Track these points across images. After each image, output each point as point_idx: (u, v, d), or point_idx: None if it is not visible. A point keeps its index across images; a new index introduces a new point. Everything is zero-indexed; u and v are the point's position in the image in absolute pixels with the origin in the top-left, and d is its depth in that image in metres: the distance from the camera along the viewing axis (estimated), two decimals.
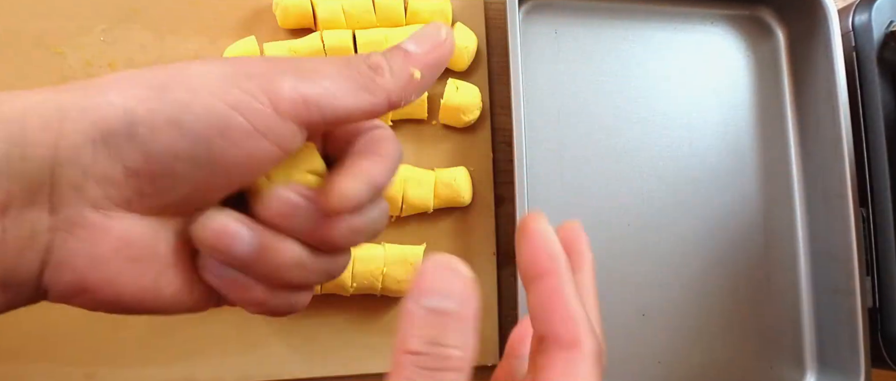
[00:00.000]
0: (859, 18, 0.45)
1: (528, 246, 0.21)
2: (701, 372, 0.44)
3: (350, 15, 0.41)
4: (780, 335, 0.46)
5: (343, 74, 0.21)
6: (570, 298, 0.20)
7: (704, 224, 0.46)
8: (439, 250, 0.42)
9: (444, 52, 0.24)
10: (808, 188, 0.47)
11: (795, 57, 0.49)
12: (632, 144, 0.46)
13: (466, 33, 0.43)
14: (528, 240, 0.21)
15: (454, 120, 0.42)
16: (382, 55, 0.23)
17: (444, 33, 0.24)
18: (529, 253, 0.21)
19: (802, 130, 0.48)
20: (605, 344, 0.21)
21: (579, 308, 0.20)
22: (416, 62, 0.23)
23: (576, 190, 0.44)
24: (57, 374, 0.38)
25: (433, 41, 0.24)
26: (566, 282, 0.21)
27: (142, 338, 0.39)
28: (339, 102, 0.21)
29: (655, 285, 0.44)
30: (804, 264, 0.47)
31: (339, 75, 0.21)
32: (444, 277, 0.19)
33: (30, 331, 0.38)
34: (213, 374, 0.39)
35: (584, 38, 0.47)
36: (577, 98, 0.46)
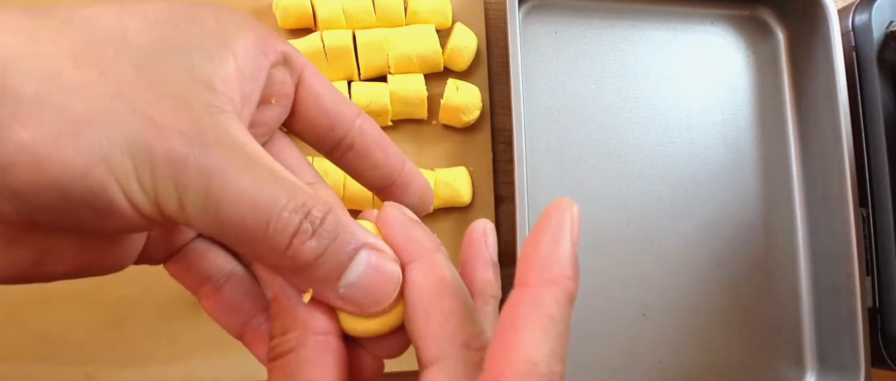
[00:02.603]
0: (859, 18, 0.45)
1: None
2: (701, 372, 0.44)
3: (350, 15, 0.41)
4: (780, 335, 0.46)
5: (247, 224, 0.17)
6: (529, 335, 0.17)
7: (704, 224, 0.46)
8: None
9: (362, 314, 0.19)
10: (808, 188, 0.47)
11: (795, 57, 0.49)
12: (632, 144, 0.46)
13: (466, 33, 0.43)
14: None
15: (454, 120, 0.42)
16: (322, 251, 0.18)
17: (385, 302, 0.19)
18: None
19: (802, 130, 0.48)
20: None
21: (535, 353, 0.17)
22: (324, 294, 0.19)
23: (576, 190, 0.44)
24: (57, 374, 0.38)
25: (363, 303, 0.19)
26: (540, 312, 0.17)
27: (142, 338, 0.39)
28: (223, 239, 0.18)
29: (655, 285, 0.44)
30: (804, 264, 0.47)
31: (241, 223, 0.17)
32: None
33: (30, 331, 0.38)
34: (213, 374, 0.39)
35: (583, 38, 0.47)
36: (577, 98, 0.46)
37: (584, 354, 0.43)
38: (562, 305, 0.17)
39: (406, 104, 0.41)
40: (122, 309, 0.39)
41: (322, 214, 0.18)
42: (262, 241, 0.17)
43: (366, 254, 0.18)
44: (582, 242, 0.47)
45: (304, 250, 0.17)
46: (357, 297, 0.19)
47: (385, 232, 0.21)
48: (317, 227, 0.17)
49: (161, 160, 0.16)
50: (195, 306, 0.40)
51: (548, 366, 0.16)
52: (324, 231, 0.18)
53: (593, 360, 0.43)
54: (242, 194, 0.17)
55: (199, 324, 0.39)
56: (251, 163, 0.17)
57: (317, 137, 0.23)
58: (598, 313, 0.43)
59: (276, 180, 0.17)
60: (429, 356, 0.19)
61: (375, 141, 0.24)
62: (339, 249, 0.18)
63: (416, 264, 0.20)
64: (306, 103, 0.22)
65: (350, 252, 0.18)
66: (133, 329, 0.39)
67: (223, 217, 0.17)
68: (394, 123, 0.43)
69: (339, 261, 0.18)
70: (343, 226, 0.18)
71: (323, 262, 0.18)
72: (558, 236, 0.18)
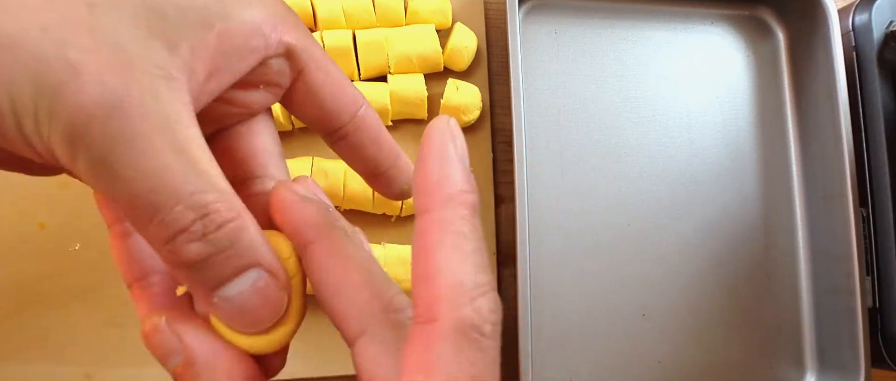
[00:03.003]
0: (859, 18, 0.45)
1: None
2: (701, 372, 0.44)
3: (350, 15, 0.41)
4: (780, 335, 0.46)
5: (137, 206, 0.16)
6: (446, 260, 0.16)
7: (704, 224, 0.46)
8: None
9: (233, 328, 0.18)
10: (808, 188, 0.47)
11: (795, 57, 0.49)
12: (632, 144, 0.46)
13: (466, 33, 0.43)
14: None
15: None
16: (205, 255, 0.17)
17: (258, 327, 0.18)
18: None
19: (802, 130, 0.48)
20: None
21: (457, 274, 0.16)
22: (199, 300, 0.18)
23: (576, 190, 0.44)
24: (57, 374, 0.38)
25: (237, 321, 0.18)
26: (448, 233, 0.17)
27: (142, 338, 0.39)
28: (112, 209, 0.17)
29: (655, 285, 0.44)
30: (804, 264, 0.47)
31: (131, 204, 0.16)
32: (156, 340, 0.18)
33: (30, 331, 0.38)
34: None
35: (583, 38, 0.47)
36: (577, 98, 0.46)
37: (584, 354, 0.43)
38: (468, 219, 0.17)
39: (406, 104, 0.41)
40: (122, 309, 0.39)
41: (223, 220, 0.16)
42: (146, 226, 0.16)
43: (255, 274, 0.17)
44: (582, 242, 0.47)
45: (185, 250, 0.16)
46: (230, 313, 0.18)
47: (277, 217, 0.19)
48: (210, 231, 0.16)
49: (65, 107, 0.15)
50: None
51: (473, 281, 0.16)
52: (216, 238, 0.16)
53: (593, 360, 0.43)
54: (141, 172, 0.15)
55: None
56: (167, 143, 0.16)
57: (309, 123, 0.23)
58: (598, 313, 0.43)
59: (189, 170, 0.16)
60: (351, 332, 0.18)
61: (372, 136, 0.23)
62: (225, 260, 0.17)
63: (314, 246, 0.19)
64: (301, 95, 0.21)
65: (237, 267, 0.17)
66: (133, 329, 0.39)
67: (114, 188, 0.16)
68: (394, 123, 0.43)
69: (221, 272, 0.17)
70: (244, 239, 0.17)
71: (203, 267, 0.17)
72: (442, 156, 0.17)
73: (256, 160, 0.21)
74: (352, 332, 0.18)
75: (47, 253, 0.39)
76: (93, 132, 0.15)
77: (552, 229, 0.44)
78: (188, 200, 0.16)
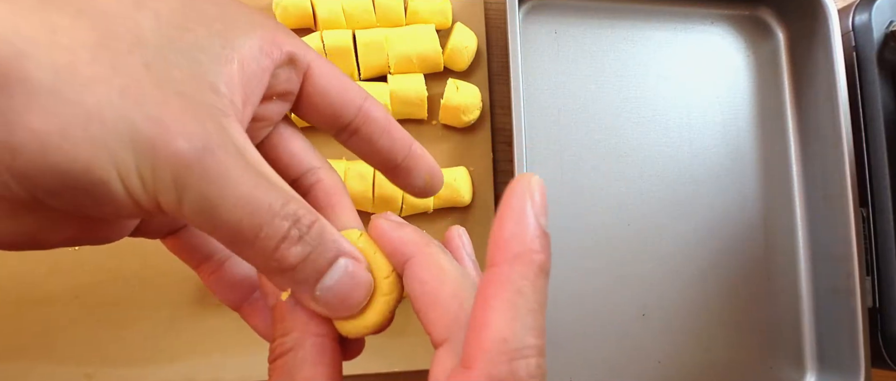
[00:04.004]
0: (859, 18, 0.45)
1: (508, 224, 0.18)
2: (701, 372, 0.44)
3: (350, 15, 0.41)
4: (780, 335, 0.46)
5: (242, 228, 0.18)
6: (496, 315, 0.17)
7: (704, 224, 0.46)
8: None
9: (331, 316, 0.20)
10: (808, 188, 0.47)
11: (795, 57, 0.49)
12: (632, 144, 0.46)
13: (466, 33, 0.43)
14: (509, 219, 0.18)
15: (454, 120, 0.42)
16: (305, 257, 0.19)
17: (354, 308, 0.20)
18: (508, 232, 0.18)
19: (802, 130, 0.48)
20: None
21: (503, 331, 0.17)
22: (301, 295, 0.20)
23: (576, 190, 0.44)
24: (57, 374, 0.38)
25: (335, 307, 0.20)
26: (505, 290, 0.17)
27: (142, 338, 0.39)
28: (217, 236, 0.18)
29: (655, 285, 0.44)
30: (804, 264, 0.47)
31: (237, 226, 0.18)
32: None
33: (30, 331, 0.38)
34: (213, 374, 0.39)
35: (583, 38, 0.47)
36: (577, 98, 0.46)
37: (584, 354, 0.43)
38: (531, 279, 0.17)
39: (406, 104, 0.41)
40: (122, 309, 0.39)
41: (310, 222, 0.19)
42: (253, 243, 0.18)
43: (344, 262, 0.19)
44: (582, 242, 0.47)
45: (289, 255, 0.18)
46: (331, 301, 0.20)
47: (378, 241, 0.22)
48: (303, 234, 0.18)
49: (164, 159, 0.17)
50: (196, 305, 0.40)
51: (519, 341, 0.17)
52: (309, 238, 0.19)
53: (593, 360, 0.43)
54: (241, 199, 0.17)
55: (199, 324, 0.39)
56: (250, 169, 0.18)
57: (321, 123, 0.24)
58: (598, 314, 0.43)
59: (272, 187, 0.18)
60: (438, 338, 0.19)
61: (381, 126, 0.24)
62: (320, 255, 0.19)
63: (413, 260, 0.21)
64: (311, 97, 0.23)
65: (330, 259, 0.19)
66: (133, 329, 0.39)
67: (219, 219, 0.17)
68: None
69: (319, 266, 0.19)
70: (326, 234, 0.19)
71: (305, 266, 0.19)
72: (520, 213, 0.18)
73: (298, 159, 0.24)
74: (438, 336, 0.19)
75: (47, 253, 0.39)
76: (193, 175, 0.17)
77: (552, 229, 0.43)
78: (282, 211, 0.18)
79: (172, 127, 0.17)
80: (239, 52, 0.19)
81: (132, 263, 0.39)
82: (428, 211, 0.41)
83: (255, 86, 0.20)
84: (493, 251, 0.18)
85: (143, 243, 0.40)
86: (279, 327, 0.21)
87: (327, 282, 0.19)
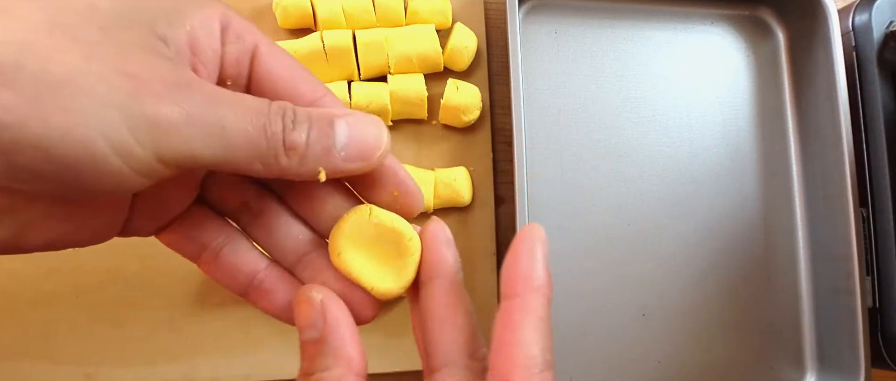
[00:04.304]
0: (859, 18, 0.45)
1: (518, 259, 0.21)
2: (701, 372, 0.44)
3: (350, 15, 0.41)
4: (780, 335, 0.46)
5: (250, 138, 0.19)
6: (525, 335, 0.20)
7: (704, 224, 0.46)
8: None
9: (371, 164, 0.21)
10: (808, 188, 0.47)
11: (795, 57, 0.49)
12: (632, 144, 0.46)
13: (466, 33, 0.43)
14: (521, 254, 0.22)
15: (454, 120, 0.42)
16: (307, 133, 0.20)
17: (382, 144, 0.21)
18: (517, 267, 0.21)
19: (802, 130, 0.48)
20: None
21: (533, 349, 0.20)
22: (332, 164, 0.20)
23: (576, 190, 0.44)
24: (57, 374, 0.38)
25: (364, 152, 0.21)
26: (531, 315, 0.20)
27: (142, 338, 0.39)
28: (231, 165, 0.19)
29: (655, 285, 0.44)
30: (804, 264, 0.47)
31: (245, 138, 0.19)
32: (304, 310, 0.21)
33: (30, 331, 0.38)
34: (213, 374, 0.39)
35: (583, 38, 0.47)
36: (577, 98, 0.46)
37: (584, 354, 0.43)
38: (545, 308, 0.21)
39: (406, 104, 0.41)
40: (122, 309, 0.39)
41: (292, 110, 0.20)
42: (267, 146, 0.19)
43: (343, 120, 0.21)
44: (582, 242, 0.47)
45: (297, 139, 0.20)
46: (357, 152, 0.21)
47: (425, 244, 0.23)
48: (293, 119, 0.20)
49: (155, 112, 0.17)
50: (196, 306, 0.40)
51: (543, 357, 0.20)
52: (300, 119, 0.20)
53: (593, 360, 0.43)
54: (238, 117, 0.18)
55: (199, 324, 0.39)
56: (224, 92, 0.19)
57: None
58: (598, 314, 0.43)
59: (252, 97, 0.19)
60: (437, 361, 0.21)
61: None
62: (319, 126, 0.20)
63: (439, 281, 0.23)
64: (259, 83, 0.23)
65: (328, 124, 0.20)
66: (133, 329, 0.39)
67: (231, 144, 0.18)
68: (394, 123, 0.43)
69: (325, 133, 0.20)
70: (312, 112, 0.20)
71: (314, 140, 0.20)
72: (533, 253, 0.21)
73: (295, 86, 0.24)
74: (436, 362, 0.22)
75: (47, 253, 0.39)
76: (194, 116, 0.18)
77: (552, 229, 0.44)
78: (270, 111, 0.19)
79: (146, 77, 0.17)
80: (190, 21, 0.20)
81: (132, 263, 0.39)
82: (428, 211, 0.41)
83: (209, 57, 0.20)
84: (513, 283, 0.21)
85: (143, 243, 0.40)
86: (317, 361, 0.21)
87: (341, 141, 0.20)
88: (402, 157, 0.43)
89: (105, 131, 0.16)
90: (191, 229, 0.23)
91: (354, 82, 0.42)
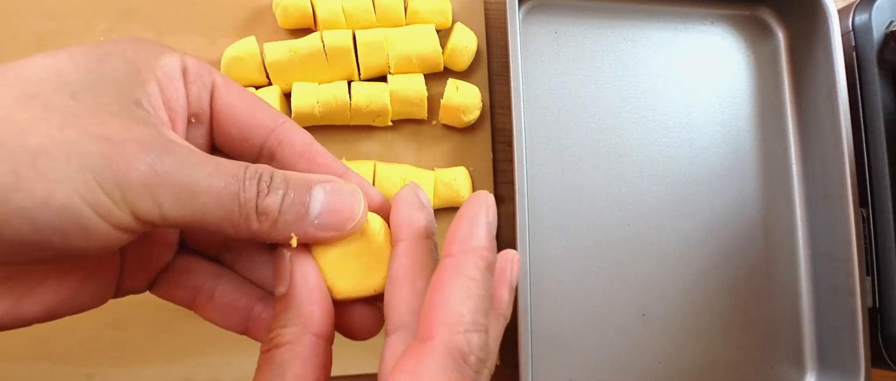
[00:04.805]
0: (859, 18, 0.45)
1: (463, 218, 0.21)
2: (701, 372, 0.44)
3: (350, 15, 0.41)
4: (780, 335, 0.46)
5: (221, 202, 0.19)
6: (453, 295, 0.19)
7: (704, 224, 0.46)
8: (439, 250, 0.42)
9: (344, 234, 0.22)
10: (808, 188, 0.47)
11: (795, 57, 0.49)
12: (632, 144, 0.46)
13: (466, 33, 0.43)
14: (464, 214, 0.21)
15: (454, 120, 0.42)
16: (282, 198, 0.20)
17: (356, 215, 0.21)
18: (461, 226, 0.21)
19: (802, 130, 0.48)
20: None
21: (459, 308, 0.19)
22: (304, 232, 0.21)
23: (576, 190, 0.44)
24: (57, 374, 0.38)
25: (338, 222, 0.21)
26: (462, 276, 0.20)
27: (142, 338, 0.39)
28: (201, 226, 0.19)
29: (655, 285, 0.44)
30: (804, 264, 0.47)
31: (216, 202, 0.19)
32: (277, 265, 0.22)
33: (30, 331, 0.38)
34: (213, 374, 0.39)
35: (583, 38, 0.47)
36: (577, 98, 0.46)
37: (584, 354, 0.43)
38: (481, 270, 0.20)
39: (406, 104, 0.41)
40: (122, 309, 0.39)
41: (269, 174, 0.20)
42: (238, 211, 0.19)
43: (320, 187, 0.21)
44: (582, 242, 0.47)
45: (270, 205, 0.20)
46: (331, 222, 0.21)
47: (393, 206, 0.23)
48: (270, 184, 0.20)
49: (126, 173, 0.17)
50: None
51: (472, 317, 0.19)
52: (276, 184, 0.20)
53: (593, 360, 0.43)
54: (211, 180, 0.19)
55: (199, 324, 0.39)
56: (201, 155, 0.19)
57: (235, 149, 0.24)
58: (598, 313, 0.43)
59: (229, 162, 0.20)
60: (393, 323, 0.21)
61: (298, 151, 0.23)
62: (296, 192, 0.20)
63: (403, 244, 0.22)
64: (219, 116, 0.23)
65: (305, 190, 0.21)
66: (133, 329, 0.39)
67: (199, 203, 0.19)
68: (394, 123, 0.43)
69: (301, 201, 0.20)
70: (289, 176, 0.21)
71: (288, 207, 0.20)
72: (475, 218, 0.21)
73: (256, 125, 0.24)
74: (393, 324, 0.21)
75: None
76: (163, 178, 0.18)
77: (552, 229, 0.44)
78: (247, 174, 0.20)
79: (122, 140, 0.18)
80: (155, 74, 0.20)
81: None
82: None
83: (179, 105, 0.21)
84: (450, 243, 0.20)
85: None
86: (279, 318, 0.21)
87: (316, 209, 0.21)
88: (402, 157, 0.43)
89: (83, 194, 0.17)
90: (180, 277, 0.24)
91: (354, 82, 0.42)
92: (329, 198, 0.21)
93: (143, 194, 0.18)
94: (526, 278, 0.39)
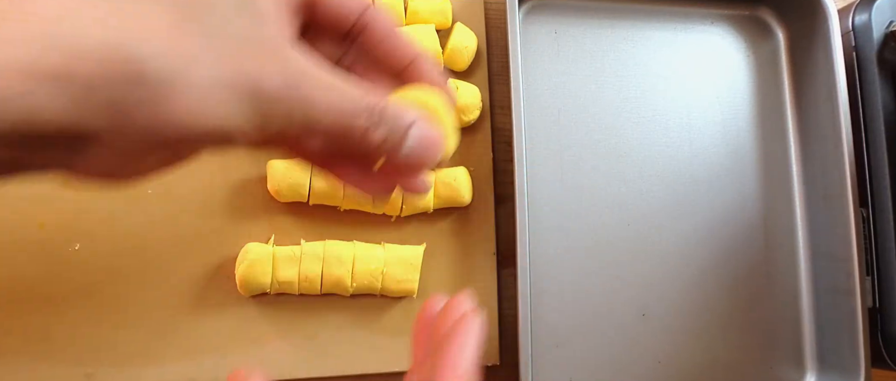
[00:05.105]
0: (859, 18, 0.45)
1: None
2: (701, 372, 0.44)
3: None
4: (780, 335, 0.46)
5: (342, 123, 0.22)
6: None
7: (704, 224, 0.46)
8: (440, 250, 0.42)
9: (431, 161, 0.25)
10: (808, 188, 0.47)
11: (795, 57, 0.49)
12: (632, 144, 0.46)
13: (466, 33, 0.43)
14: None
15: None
16: (385, 136, 0.23)
17: (438, 155, 0.25)
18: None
19: (802, 130, 0.48)
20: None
21: None
22: (393, 159, 0.24)
23: (576, 190, 0.44)
24: (57, 374, 0.38)
25: (423, 159, 0.24)
26: None
27: (142, 338, 0.39)
28: (320, 136, 0.23)
29: (655, 285, 0.44)
30: (804, 264, 0.47)
31: (338, 123, 0.22)
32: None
33: (30, 331, 0.38)
34: (213, 374, 0.39)
35: (583, 38, 0.47)
36: (577, 98, 0.46)
37: (584, 354, 0.43)
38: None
39: None
40: (122, 309, 0.39)
41: (380, 108, 0.23)
42: (349, 136, 0.23)
43: (416, 128, 0.24)
44: (582, 242, 0.47)
45: (376, 136, 0.23)
46: (415, 157, 0.24)
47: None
48: (379, 119, 0.23)
49: (267, 101, 0.21)
50: (195, 306, 0.40)
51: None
52: (384, 121, 0.23)
53: (593, 360, 0.43)
54: (332, 108, 0.22)
55: (199, 324, 0.39)
56: (328, 81, 0.22)
57: (330, 25, 0.27)
58: (598, 313, 0.43)
59: (347, 89, 0.23)
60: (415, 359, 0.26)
61: (384, 28, 0.27)
62: (396, 129, 0.23)
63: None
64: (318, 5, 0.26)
65: (404, 129, 0.24)
66: (133, 329, 0.39)
67: (322, 128, 0.22)
68: None
69: (399, 137, 0.24)
70: (397, 112, 0.23)
71: (388, 141, 0.23)
72: (464, 345, 0.26)
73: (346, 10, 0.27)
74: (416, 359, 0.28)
75: (47, 253, 0.39)
76: (295, 103, 0.21)
77: (552, 229, 0.44)
78: (361, 105, 0.22)
79: (264, 73, 0.21)
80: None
81: (132, 263, 0.39)
82: (428, 211, 0.41)
83: (291, 9, 0.24)
84: (443, 372, 0.25)
85: (144, 243, 0.40)
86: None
87: (408, 145, 0.24)
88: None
89: (240, 120, 0.20)
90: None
91: None
92: (420, 140, 0.24)
93: (281, 119, 0.21)
94: (526, 278, 0.39)
